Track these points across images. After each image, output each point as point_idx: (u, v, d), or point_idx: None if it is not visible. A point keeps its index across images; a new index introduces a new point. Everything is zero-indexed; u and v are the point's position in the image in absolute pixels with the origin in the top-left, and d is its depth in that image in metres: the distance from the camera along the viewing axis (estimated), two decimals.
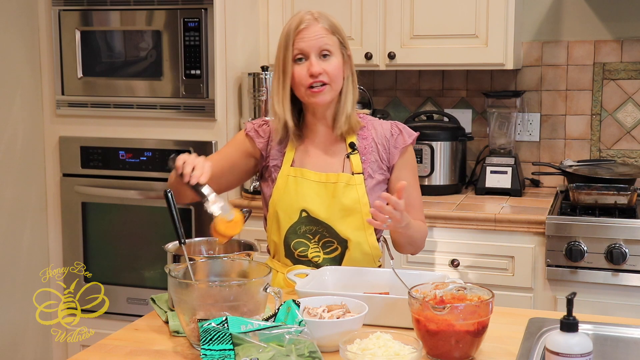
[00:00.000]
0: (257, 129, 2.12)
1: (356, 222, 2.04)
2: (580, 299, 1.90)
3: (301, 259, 2.06)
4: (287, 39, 2.00)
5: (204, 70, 3.09)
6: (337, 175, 2.05)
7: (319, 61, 1.98)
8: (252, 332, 1.45)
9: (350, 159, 2.08)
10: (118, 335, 1.71)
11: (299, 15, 2.02)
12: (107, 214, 3.31)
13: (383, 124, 2.14)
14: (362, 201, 2.04)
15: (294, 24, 2.00)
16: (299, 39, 1.98)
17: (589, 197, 2.87)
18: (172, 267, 1.68)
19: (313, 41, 1.98)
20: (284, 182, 2.06)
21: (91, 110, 3.27)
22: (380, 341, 1.46)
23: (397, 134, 2.11)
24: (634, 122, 3.28)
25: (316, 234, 2.04)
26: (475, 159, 3.46)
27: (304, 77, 1.99)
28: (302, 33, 1.98)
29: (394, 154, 2.10)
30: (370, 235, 2.07)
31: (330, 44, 2.00)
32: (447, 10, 3.10)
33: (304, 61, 1.99)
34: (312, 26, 1.99)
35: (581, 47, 3.31)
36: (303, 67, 1.99)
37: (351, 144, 2.08)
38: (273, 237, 2.10)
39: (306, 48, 1.98)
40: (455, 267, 2.86)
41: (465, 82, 3.47)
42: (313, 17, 2.00)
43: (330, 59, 2.00)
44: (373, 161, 2.09)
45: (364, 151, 2.09)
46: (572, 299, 1.41)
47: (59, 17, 3.25)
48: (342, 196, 2.03)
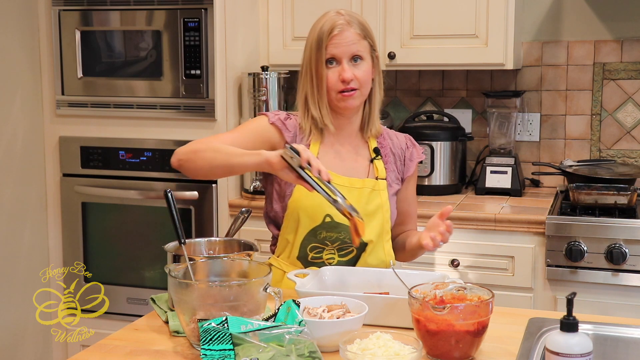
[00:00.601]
0: (284, 121, 2.05)
1: (377, 227, 2.05)
2: (580, 299, 1.90)
3: (314, 261, 2.03)
4: (319, 42, 1.98)
5: (204, 70, 3.09)
6: (362, 181, 2.05)
7: (350, 67, 1.98)
8: (252, 332, 1.45)
9: (375, 164, 2.08)
10: (118, 335, 1.71)
11: (331, 18, 2.00)
12: (107, 214, 3.31)
13: (397, 135, 2.18)
14: (385, 207, 2.06)
15: (326, 28, 1.98)
16: (332, 44, 1.97)
17: (589, 197, 2.87)
18: (172, 267, 1.67)
19: (345, 47, 1.97)
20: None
21: (91, 110, 3.27)
22: (380, 341, 1.46)
23: (411, 147, 2.16)
24: (634, 122, 3.28)
25: (336, 240, 2.01)
26: (475, 159, 3.46)
27: (336, 82, 1.98)
28: (335, 38, 1.97)
29: (410, 167, 2.15)
30: (387, 242, 2.08)
31: (362, 49, 2.00)
32: (447, 10, 3.10)
33: (335, 65, 1.99)
34: (345, 31, 1.98)
35: (581, 47, 3.31)
36: (334, 72, 1.99)
37: (375, 149, 2.10)
38: (287, 236, 2.05)
39: (339, 54, 1.98)
40: (455, 267, 2.86)
41: (465, 82, 3.47)
42: (346, 22, 1.98)
43: (361, 64, 2.00)
44: (392, 170, 2.11)
45: (385, 159, 2.11)
46: (572, 299, 1.41)
47: (59, 17, 3.25)
48: (367, 202, 2.03)
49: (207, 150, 1.93)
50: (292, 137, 2.05)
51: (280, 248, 2.09)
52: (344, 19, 1.99)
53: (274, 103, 3.19)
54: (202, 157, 1.93)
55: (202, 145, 1.95)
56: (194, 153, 1.95)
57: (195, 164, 1.95)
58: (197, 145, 1.96)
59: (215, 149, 1.92)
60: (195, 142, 1.99)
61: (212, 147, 1.93)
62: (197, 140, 2.00)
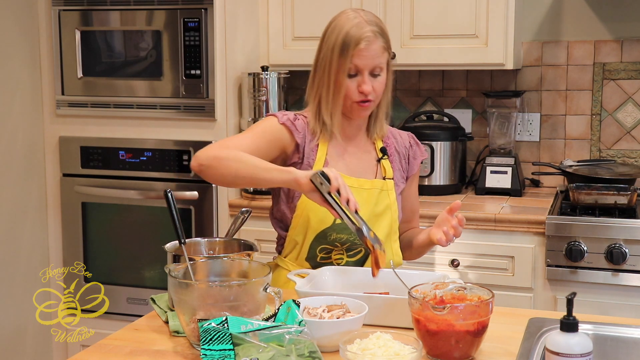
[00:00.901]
0: (294, 122, 2.03)
1: (386, 227, 2.05)
2: (580, 299, 1.90)
3: (323, 262, 2.03)
4: (343, 50, 1.95)
5: (204, 70, 3.09)
6: (371, 182, 2.05)
7: (370, 79, 1.97)
8: (252, 332, 1.45)
9: (382, 164, 2.09)
10: (118, 335, 1.71)
11: (357, 25, 1.95)
12: (107, 214, 3.31)
13: (401, 133, 2.18)
14: (393, 207, 2.07)
15: (353, 38, 1.94)
16: (358, 56, 1.94)
17: (589, 197, 2.87)
18: (172, 267, 1.67)
19: (369, 60, 1.96)
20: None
21: (91, 110, 3.27)
22: (380, 341, 1.46)
23: (414, 145, 2.17)
24: (634, 122, 3.28)
25: (346, 242, 2.01)
26: (475, 159, 3.46)
27: (354, 93, 1.97)
28: (362, 52, 1.94)
29: (414, 165, 2.16)
30: (395, 242, 2.08)
31: (383, 62, 1.99)
32: (447, 10, 3.10)
33: (355, 76, 1.97)
34: (372, 44, 1.95)
35: (581, 47, 3.31)
36: (353, 82, 1.97)
37: (382, 149, 2.10)
38: (295, 237, 2.04)
39: (361, 66, 1.96)
40: (455, 267, 2.86)
41: (465, 82, 3.47)
42: (372, 33, 1.95)
43: (379, 77, 1.99)
44: (397, 170, 2.12)
45: (390, 158, 2.11)
46: (572, 299, 1.41)
47: (59, 17, 3.25)
48: (376, 202, 2.03)
49: (231, 159, 1.89)
50: (301, 138, 2.03)
51: (288, 249, 2.08)
52: (370, 30, 1.95)
53: (274, 103, 3.19)
54: (226, 166, 1.90)
55: (224, 153, 1.91)
56: (217, 160, 1.90)
57: (218, 172, 1.92)
58: (220, 152, 1.91)
59: (241, 159, 1.89)
60: (216, 148, 1.94)
61: (236, 156, 1.89)
62: (216, 145, 1.95)
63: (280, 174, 1.85)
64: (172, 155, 3.17)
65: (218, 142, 1.98)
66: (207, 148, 1.96)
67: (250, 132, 2.03)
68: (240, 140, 1.98)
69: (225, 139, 2.02)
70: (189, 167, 3.12)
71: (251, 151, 1.94)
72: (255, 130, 2.03)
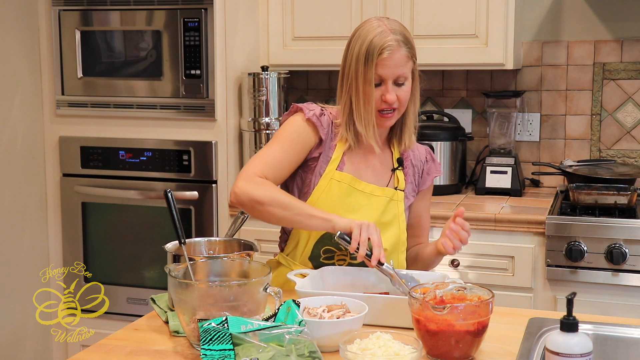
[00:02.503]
0: (319, 117, 2.02)
1: (393, 236, 2.04)
2: (580, 299, 1.90)
3: (325, 262, 2.03)
4: (368, 59, 1.92)
5: (204, 70, 3.09)
6: (382, 190, 2.04)
7: (393, 88, 1.95)
8: (252, 332, 1.45)
9: (396, 174, 2.08)
10: (118, 335, 1.71)
11: (380, 33, 1.93)
12: (107, 214, 3.31)
13: (418, 147, 2.16)
14: (401, 218, 2.06)
15: (377, 46, 1.92)
16: (381, 65, 1.93)
17: (589, 197, 2.87)
18: (172, 267, 1.67)
19: (393, 69, 1.94)
20: (327, 184, 2.00)
21: (91, 110, 3.27)
22: (380, 341, 1.46)
23: (430, 161, 2.16)
24: (634, 122, 3.28)
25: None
26: (475, 159, 3.46)
27: (378, 102, 1.96)
28: (386, 60, 1.92)
29: (426, 181, 2.15)
30: (402, 253, 2.08)
31: (407, 71, 1.97)
32: (447, 10, 3.10)
33: (379, 85, 1.95)
34: (395, 53, 1.93)
35: (581, 47, 3.31)
36: (377, 92, 1.95)
37: (399, 160, 2.09)
38: (300, 235, 2.04)
39: (385, 75, 1.94)
40: (455, 267, 2.86)
41: (465, 82, 3.47)
42: (396, 42, 1.93)
43: (404, 86, 1.97)
44: (410, 182, 2.11)
45: (405, 170, 2.10)
46: (572, 299, 1.41)
47: (59, 17, 3.25)
48: (384, 211, 2.03)
49: (273, 204, 1.88)
50: (326, 133, 2.01)
51: (291, 246, 2.08)
52: (394, 38, 1.93)
53: (274, 103, 3.19)
54: (268, 212, 1.90)
55: (265, 194, 1.89)
56: (259, 204, 1.89)
57: (260, 217, 1.93)
58: (260, 193, 1.89)
59: (283, 205, 1.89)
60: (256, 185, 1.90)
61: (279, 201, 1.89)
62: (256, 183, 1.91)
63: (322, 224, 1.87)
64: (172, 155, 3.17)
65: (251, 167, 1.94)
66: (244, 181, 1.91)
67: (279, 144, 2.00)
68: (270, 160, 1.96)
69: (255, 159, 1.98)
70: (189, 167, 3.14)
71: (282, 167, 1.96)
72: (284, 142, 2.00)
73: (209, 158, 3.11)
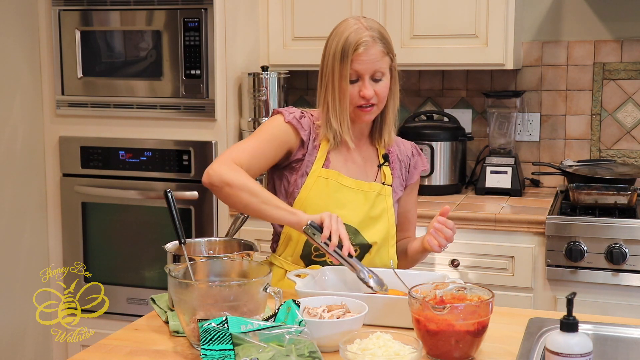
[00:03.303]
0: (299, 119, 2.05)
1: (383, 230, 2.07)
2: (580, 299, 1.90)
3: (317, 259, 2.04)
4: (343, 56, 1.96)
5: (204, 70, 3.09)
6: (369, 185, 2.07)
7: (371, 83, 1.98)
8: (252, 332, 1.45)
9: (382, 169, 2.11)
10: (118, 335, 1.71)
11: (355, 31, 1.97)
12: (107, 214, 3.31)
13: (404, 142, 2.20)
14: (389, 212, 2.08)
15: (352, 43, 1.95)
16: (357, 61, 1.96)
17: (589, 197, 2.87)
18: (172, 267, 1.67)
19: (369, 65, 1.97)
20: (314, 182, 2.03)
21: (91, 110, 3.27)
22: (380, 341, 1.46)
23: (417, 155, 2.18)
24: (634, 122, 3.28)
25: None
26: (475, 159, 3.46)
27: (355, 98, 1.99)
28: (361, 56, 1.95)
29: (413, 175, 2.17)
30: (392, 247, 2.09)
31: (384, 66, 1.99)
32: (447, 10, 3.10)
33: (357, 81, 1.98)
34: (370, 49, 1.96)
35: (581, 47, 3.31)
36: (355, 88, 1.98)
37: (385, 156, 2.11)
38: (291, 233, 2.05)
39: (361, 70, 1.97)
40: (455, 267, 2.86)
41: (465, 82, 3.47)
42: (371, 37, 1.96)
43: (381, 81, 2.00)
44: (397, 177, 2.14)
45: (392, 165, 2.13)
46: (572, 299, 1.41)
47: (59, 17, 3.25)
48: (372, 205, 2.05)
49: (243, 189, 1.91)
50: (307, 135, 2.04)
51: (283, 246, 2.09)
52: (369, 34, 1.96)
53: (274, 103, 3.20)
54: (236, 196, 1.92)
55: (236, 179, 1.92)
56: (229, 187, 1.92)
57: (228, 200, 1.96)
58: (232, 177, 1.92)
59: (252, 192, 1.91)
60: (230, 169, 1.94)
61: (248, 187, 1.91)
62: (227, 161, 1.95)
63: (287, 216, 1.90)
64: (172, 155, 3.17)
65: (227, 153, 1.98)
66: (219, 164, 1.95)
67: (256, 137, 2.04)
68: (246, 148, 1.99)
69: (233, 147, 2.02)
70: (189, 167, 3.14)
71: (257, 158, 1.98)
72: (262, 135, 2.03)
73: (209, 158, 3.11)
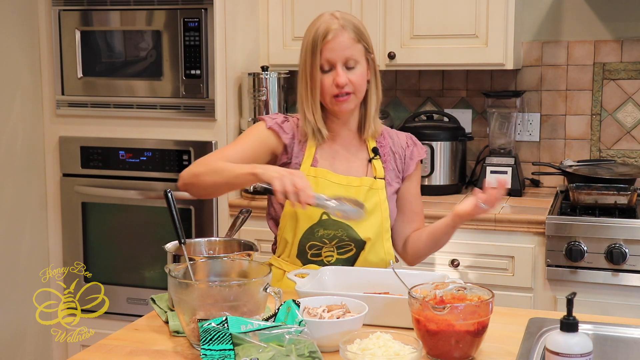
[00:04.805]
0: (281, 124, 2.08)
1: (376, 225, 2.05)
2: (580, 299, 1.90)
3: (314, 259, 2.05)
4: (314, 46, 1.99)
5: (204, 70, 3.09)
6: (360, 180, 2.06)
7: (344, 71, 1.99)
8: (252, 332, 1.45)
9: (373, 163, 2.10)
10: (118, 335, 1.71)
11: (325, 21, 2.00)
12: (107, 214, 3.31)
13: (398, 134, 2.18)
14: (383, 206, 2.07)
15: (321, 32, 1.98)
16: (327, 49, 1.98)
17: (589, 197, 2.87)
18: (172, 267, 1.67)
19: (340, 52, 1.98)
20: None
21: (91, 110, 3.27)
22: (380, 341, 1.46)
23: (412, 146, 2.16)
24: (634, 122, 3.28)
25: (334, 238, 2.03)
26: (475, 159, 3.46)
27: (330, 87, 2.00)
28: (330, 43, 1.98)
29: (410, 165, 2.15)
30: (387, 241, 2.08)
31: (356, 53, 2.00)
32: (447, 10, 3.10)
33: (330, 70, 2.00)
34: (339, 36, 1.98)
35: (581, 47, 3.31)
36: (329, 77, 2.00)
37: (374, 149, 2.11)
38: (285, 236, 2.07)
39: (333, 59, 1.99)
40: (455, 267, 2.86)
41: (465, 82, 3.47)
42: (340, 26, 1.99)
43: (355, 69, 2.01)
44: (391, 169, 2.12)
45: (384, 159, 2.12)
46: (572, 299, 1.41)
47: (59, 17, 3.25)
48: (364, 200, 2.03)
49: (207, 173, 1.96)
50: (289, 138, 2.07)
51: (281, 248, 2.11)
52: (338, 23, 2.00)
53: (274, 103, 3.20)
54: (203, 181, 1.96)
55: (202, 168, 1.97)
56: (195, 177, 1.97)
57: (198, 189, 2.00)
58: (198, 168, 1.98)
59: (215, 170, 1.95)
60: (197, 164, 2.00)
61: (211, 168, 1.95)
62: (199, 161, 2.01)
63: (247, 177, 1.89)
64: (172, 155, 3.17)
65: (202, 157, 2.03)
66: (190, 166, 2.02)
67: (237, 141, 2.10)
68: (225, 152, 2.04)
69: (210, 153, 2.08)
70: None
71: (236, 160, 1.99)
72: (242, 138, 2.09)
73: None
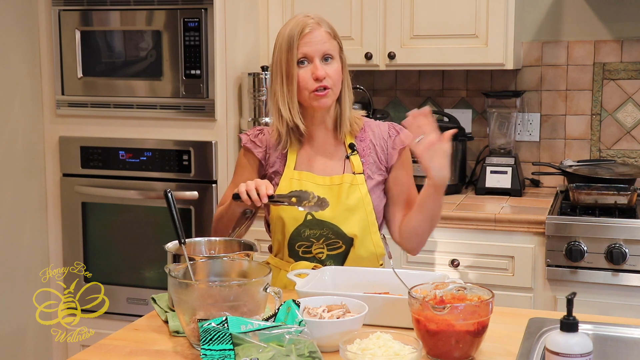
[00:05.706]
0: (253, 139, 2.14)
1: (360, 221, 2.06)
2: (580, 299, 1.90)
3: (305, 256, 2.07)
4: (290, 42, 2.01)
5: (204, 70, 3.09)
6: (340, 177, 2.08)
7: (322, 65, 2.01)
8: (252, 332, 1.45)
9: (351, 159, 2.10)
10: (118, 335, 1.71)
11: (300, 19, 2.04)
12: (107, 214, 3.31)
13: (380, 125, 2.17)
14: (366, 200, 2.07)
15: (297, 28, 2.01)
16: (303, 43, 2.00)
17: (589, 197, 2.87)
18: (172, 267, 1.68)
19: (317, 45, 2.01)
20: (288, 185, 2.07)
21: (91, 110, 3.27)
22: (380, 341, 1.46)
23: (394, 135, 2.14)
24: (634, 122, 3.28)
25: (321, 237, 2.05)
26: (475, 159, 3.46)
27: (309, 81, 2.01)
28: (306, 37, 2.01)
29: (392, 155, 2.13)
30: (375, 234, 2.09)
31: (332, 48, 2.04)
32: (447, 10, 3.10)
33: (307, 65, 2.02)
34: (315, 31, 2.02)
35: (581, 47, 3.31)
36: (307, 71, 2.01)
37: (350, 145, 2.11)
38: (277, 237, 2.11)
39: (310, 52, 2.01)
40: (455, 267, 2.86)
41: (465, 82, 3.47)
42: (315, 22, 2.03)
43: (332, 63, 2.03)
44: (372, 162, 2.12)
45: (363, 153, 2.12)
46: (572, 299, 1.41)
47: (59, 17, 3.25)
48: (347, 197, 2.05)
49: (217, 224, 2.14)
50: (262, 153, 2.12)
51: (275, 248, 2.15)
52: (313, 20, 2.04)
53: None
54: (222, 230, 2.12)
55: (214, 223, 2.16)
56: (215, 233, 2.13)
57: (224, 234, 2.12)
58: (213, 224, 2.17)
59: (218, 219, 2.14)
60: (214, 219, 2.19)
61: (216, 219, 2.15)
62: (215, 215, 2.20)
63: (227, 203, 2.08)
64: (172, 155, 3.17)
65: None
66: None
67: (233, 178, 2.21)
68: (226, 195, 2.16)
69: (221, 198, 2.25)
70: (189, 167, 3.15)
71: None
72: (235, 174, 2.20)
73: (209, 158, 3.11)
